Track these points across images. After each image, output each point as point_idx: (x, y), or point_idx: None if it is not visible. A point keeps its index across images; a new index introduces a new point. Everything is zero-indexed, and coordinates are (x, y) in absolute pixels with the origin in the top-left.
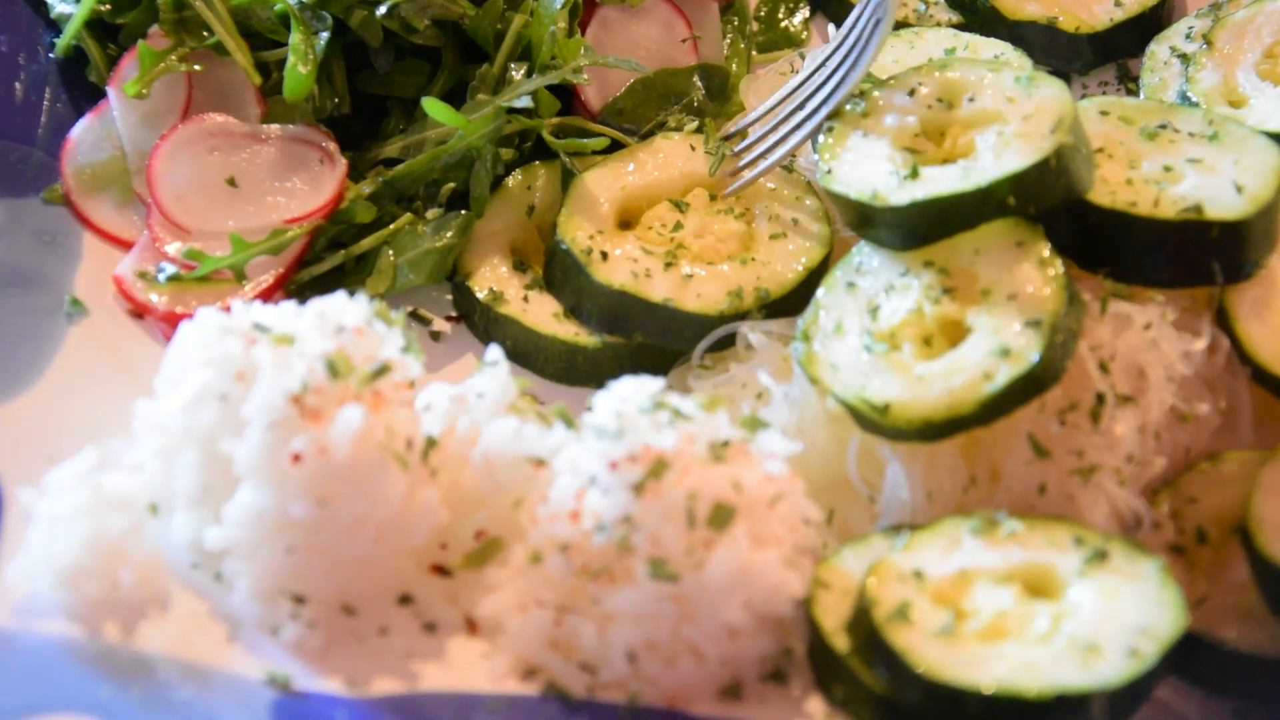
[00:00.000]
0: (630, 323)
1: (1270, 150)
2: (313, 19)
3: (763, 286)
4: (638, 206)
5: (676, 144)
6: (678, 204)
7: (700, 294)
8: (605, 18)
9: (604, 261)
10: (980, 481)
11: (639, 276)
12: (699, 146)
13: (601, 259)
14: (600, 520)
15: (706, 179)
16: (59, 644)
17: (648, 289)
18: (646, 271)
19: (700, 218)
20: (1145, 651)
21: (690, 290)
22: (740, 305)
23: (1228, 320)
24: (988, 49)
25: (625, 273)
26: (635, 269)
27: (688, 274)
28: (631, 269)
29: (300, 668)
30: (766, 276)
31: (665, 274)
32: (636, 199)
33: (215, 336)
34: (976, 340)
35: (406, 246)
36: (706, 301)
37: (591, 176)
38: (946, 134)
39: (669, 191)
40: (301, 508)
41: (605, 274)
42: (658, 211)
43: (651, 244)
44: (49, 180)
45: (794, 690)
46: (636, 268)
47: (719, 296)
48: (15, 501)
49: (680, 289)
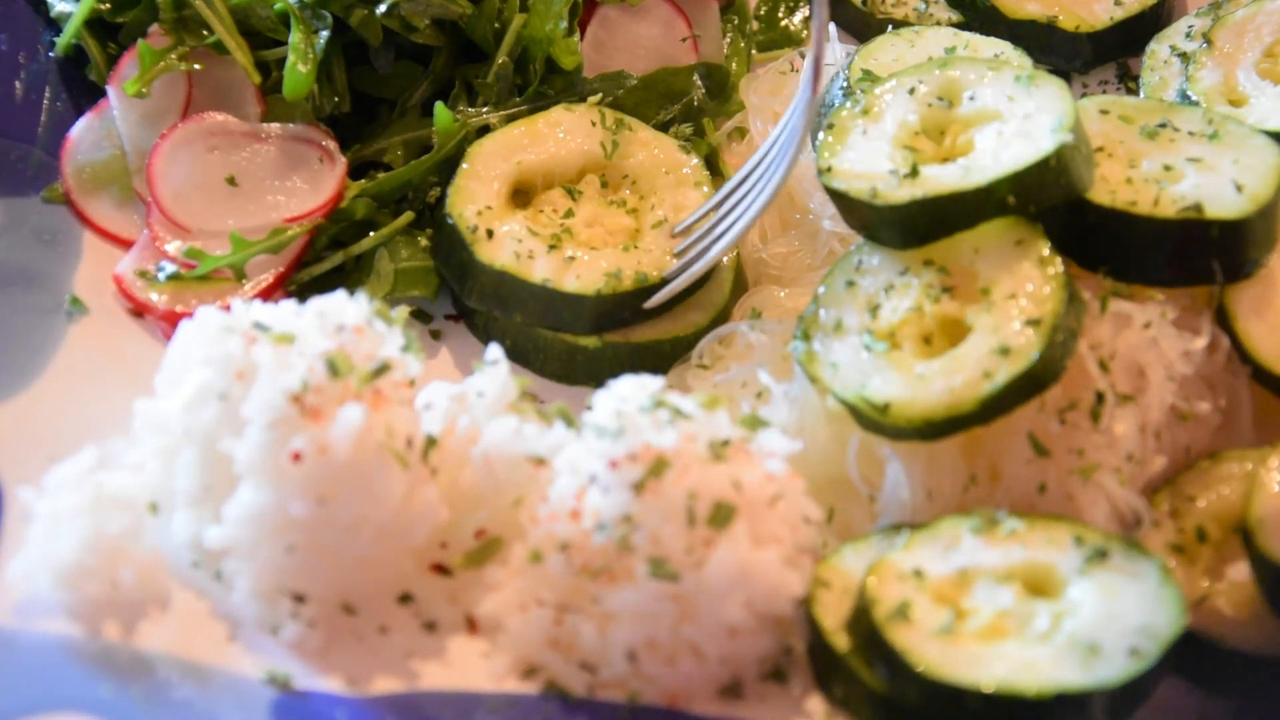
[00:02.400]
0: (510, 302)
1: (1270, 149)
2: (313, 18)
3: (642, 270)
4: (531, 183)
5: (577, 118)
6: (571, 192)
7: (579, 275)
8: (605, 17)
9: (489, 240)
10: (980, 480)
11: (521, 257)
12: (598, 122)
13: (487, 237)
14: (600, 519)
15: (602, 160)
16: (59, 643)
17: (528, 270)
18: (530, 253)
19: (593, 208)
20: (1145, 651)
21: (570, 272)
22: (619, 286)
23: (1228, 319)
24: (988, 48)
25: (508, 253)
26: (519, 249)
27: (570, 256)
28: (515, 249)
29: (300, 667)
30: (647, 262)
31: (548, 256)
32: (530, 176)
33: (215, 335)
34: (976, 339)
35: (403, 253)
36: (584, 283)
37: (488, 146)
38: (946, 133)
39: (564, 169)
40: (301, 507)
41: (488, 253)
42: (550, 196)
43: (540, 226)
44: (49, 179)
45: (794, 689)
46: (520, 248)
47: (597, 278)
48: (15, 500)
49: (560, 271)
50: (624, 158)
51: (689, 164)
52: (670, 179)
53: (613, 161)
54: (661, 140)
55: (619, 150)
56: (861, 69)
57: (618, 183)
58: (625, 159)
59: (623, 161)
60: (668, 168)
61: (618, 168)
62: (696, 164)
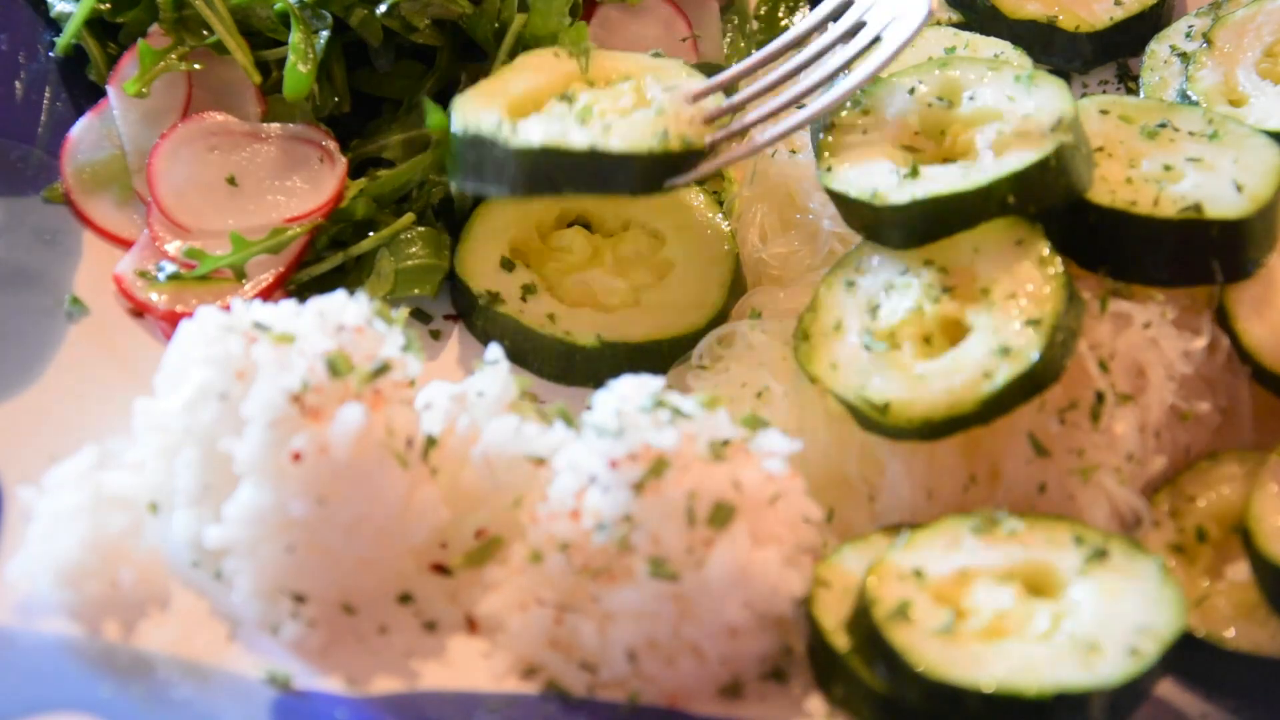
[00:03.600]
0: (557, 178)
1: (1270, 149)
2: (313, 18)
3: (684, 133)
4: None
5: (540, 56)
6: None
7: (625, 136)
8: (606, 17)
9: (515, 132)
10: (980, 480)
11: (556, 136)
12: (560, 54)
13: (513, 130)
14: (600, 519)
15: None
16: (59, 643)
17: (569, 141)
18: (563, 130)
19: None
20: (1145, 650)
21: (614, 134)
22: (669, 145)
23: (1228, 319)
24: (988, 48)
25: (541, 134)
26: (550, 130)
27: (606, 125)
28: (546, 130)
29: (300, 666)
30: (684, 124)
31: (583, 128)
32: (523, 101)
33: (215, 335)
34: (976, 339)
35: (403, 253)
36: (633, 142)
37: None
38: (946, 133)
39: (551, 89)
40: (301, 506)
41: (521, 139)
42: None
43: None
44: (49, 179)
45: (794, 689)
46: (551, 129)
47: (646, 138)
48: (15, 500)
49: (603, 135)
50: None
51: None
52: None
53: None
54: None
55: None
56: None
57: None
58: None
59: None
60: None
61: (602, 73)
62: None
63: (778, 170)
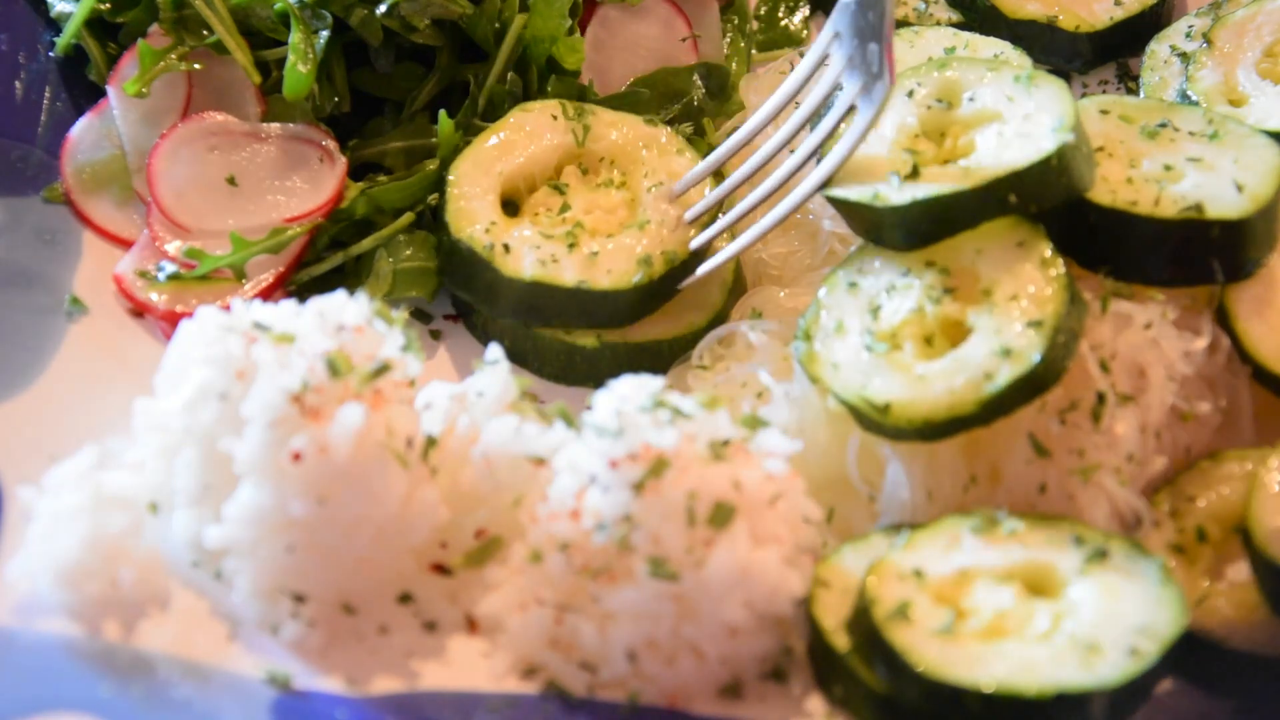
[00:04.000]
0: (545, 311)
1: (1270, 149)
2: (312, 18)
3: (669, 250)
4: (516, 190)
5: (538, 115)
6: (558, 187)
7: (610, 269)
8: (605, 17)
9: (508, 254)
10: (980, 481)
11: (547, 264)
12: (559, 114)
13: (505, 251)
14: (600, 519)
15: (575, 149)
16: (59, 642)
17: (558, 275)
18: (553, 257)
19: (584, 195)
20: (1145, 651)
21: (600, 269)
22: (652, 273)
23: (1228, 319)
24: (987, 48)
25: (533, 262)
26: (541, 256)
27: (593, 252)
28: (538, 257)
29: (300, 666)
30: (670, 239)
31: (571, 256)
32: (514, 183)
33: (215, 335)
34: (978, 340)
35: (400, 254)
36: (618, 276)
37: (464, 165)
38: (947, 134)
39: (543, 168)
40: (301, 506)
41: (513, 267)
42: (540, 197)
43: (547, 228)
44: (49, 179)
45: (794, 689)
46: (542, 254)
47: (629, 268)
48: (15, 500)
49: (590, 269)
50: (596, 140)
51: (663, 134)
52: (651, 153)
53: (587, 147)
54: (625, 118)
55: (590, 134)
56: None
57: (597, 167)
58: (598, 142)
59: (596, 145)
60: (643, 142)
61: (593, 152)
62: (669, 132)
63: None
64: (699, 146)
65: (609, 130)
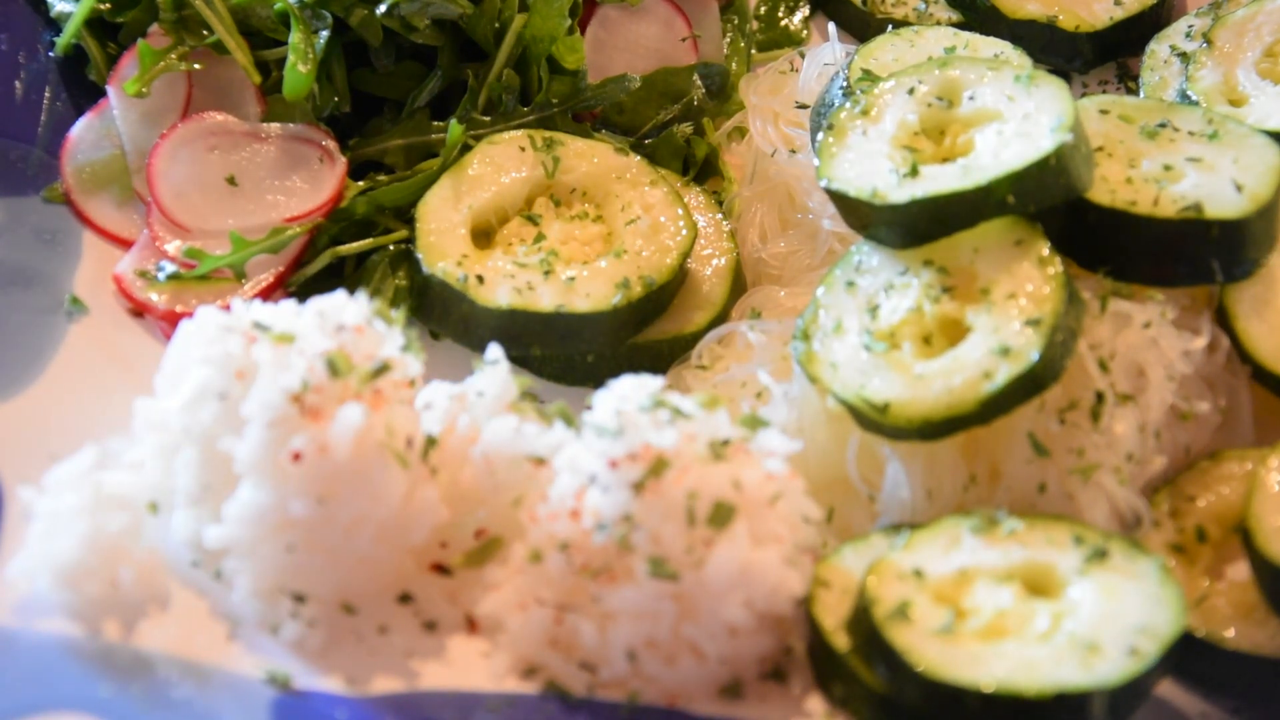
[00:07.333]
0: (525, 338)
1: (1270, 149)
2: (312, 18)
3: (646, 274)
4: (487, 222)
5: (505, 148)
6: (530, 218)
7: (589, 294)
8: (605, 17)
9: (482, 284)
10: (980, 480)
11: (523, 291)
12: (527, 146)
13: (479, 282)
14: (600, 519)
15: (546, 181)
16: (59, 642)
17: (535, 302)
18: (529, 285)
19: (558, 228)
20: (1145, 650)
21: (578, 293)
22: (631, 295)
23: (1227, 318)
24: (987, 47)
25: (508, 290)
26: (517, 284)
27: (569, 277)
28: (513, 285)
29: (300, 666)
30: (646, 264)
31: (548, 283)
32: (484, 217)
33: (215, 335)
34: (976, 339)
35: (399, 264)
36: (597, 300)
37: (433, 201)
38: (946, 132)
39: (514, 200)
40: (301, 506)
41: (488, 296)
42: (513, 228)
43: (522, 259)
44: (49, 179)
45: (794, 689)
46: (518, 283)
47: (608, 291)
48: (15, 500)
49: (567, 293)
50: (567, 172)
51: (632, 164)
52: (623, 183)
53: (557, 179)
54: (595, 146)
55: (560, 166)
56: (861, 69)
57: (569, 198)
58: (569, 173)
59: (566, 177)
60: (616, 172)
61: (564, 184)
62: (639, 161)
63: (777, 170)
64: (699, 146)
65: (579, 162)
